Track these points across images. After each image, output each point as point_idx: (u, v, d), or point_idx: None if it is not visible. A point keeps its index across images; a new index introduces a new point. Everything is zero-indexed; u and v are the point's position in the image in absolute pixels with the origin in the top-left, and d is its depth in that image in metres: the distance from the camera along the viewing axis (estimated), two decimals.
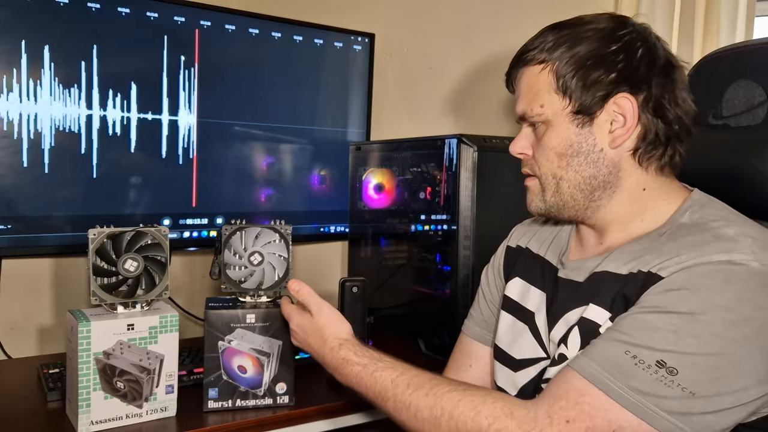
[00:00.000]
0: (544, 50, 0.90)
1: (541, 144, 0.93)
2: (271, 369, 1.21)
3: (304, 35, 1.77)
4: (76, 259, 1.61)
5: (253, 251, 1.23)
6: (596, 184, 0.91)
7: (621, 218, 0.93)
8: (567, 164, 0.91)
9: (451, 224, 1.45)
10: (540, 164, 0.94)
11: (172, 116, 1.59)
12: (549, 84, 0.90)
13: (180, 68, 1.58)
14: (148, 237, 1.16)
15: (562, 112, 0.90)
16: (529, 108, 0.92)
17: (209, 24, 1.61)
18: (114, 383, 1.12)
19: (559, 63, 0.89)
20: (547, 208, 0.95)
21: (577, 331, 0.88)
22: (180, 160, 1.61)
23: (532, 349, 0.98)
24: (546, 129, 0.91)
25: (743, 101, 1.00)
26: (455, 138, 1.43)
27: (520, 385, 0.98)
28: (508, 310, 1.05)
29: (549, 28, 0.93)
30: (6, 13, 1.38)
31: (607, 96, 0.88)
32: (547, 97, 0.90)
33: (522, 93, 0.94)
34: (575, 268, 0.95)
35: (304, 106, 1.80)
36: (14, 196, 1.42)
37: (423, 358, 1.53)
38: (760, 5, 1.50)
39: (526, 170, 0.98)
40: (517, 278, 1.06)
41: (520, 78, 0.95)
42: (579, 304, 0.90)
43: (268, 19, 1.71)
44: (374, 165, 1.73)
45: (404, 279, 1.63)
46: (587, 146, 0.90)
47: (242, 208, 1.72)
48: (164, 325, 1.15)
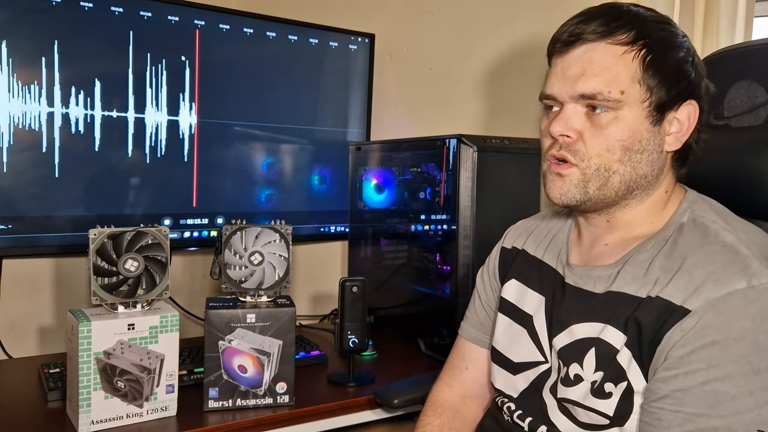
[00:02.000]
0: (627, 33, 0.84)
1: (603, 132, 0.85)
2: (272, 368, 1.21)
3: (304, 35, 1.77)
4: (77, 259, 1.61)
5: (254, 251, 1.24)
6: (643, 184, 0.88)
7: (639, 220, 0.90)
8: (628, 159, 0.86)
9: (451, 224, 1.45)
10: (594, 153, 0.86)
11: (172, 116, 1.59)
12: (634, 71, 0.84)
13: (183, 68, 1.59)
14: (148, 237, 1.16)
15: (641, 105, 0.85)
16: (606, 89, 0.84)
17: (209, 24, 1.61)
18: (114, 383, 1.12)
19: (645, 53, 0.84)
20: (584, 200, 0.88)
21: (593, 352, 0.85)
22: (181, 159, 1.61)
23: (530, 352, 0.96)
24: (614, 117, 0.85)
25: (745, 102, 1.00)
26: (455, 138, 1.43)
27: (521, 389, 0.97)
28: (504, 313, 1.03)
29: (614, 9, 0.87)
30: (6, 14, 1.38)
31: (680, 100, 0.86)
32: (628, 84, 0.84)
33: (592, 70, 0.85)
34: (584, 275, 0.92)
35: (304, 106, 1.80)
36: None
37: (423, 358, 1.53)
38: (760, 5, 1.51)
39: (564, 155, 0.88)
40: (513, 280, 1.04)
41: (587, 53, 0.86)
42: (592, 319, 0.87)
43: (268, 19, 1.71)
44: (374, 165, 1.73)
45: (404, 279, 1.63)
46: (653, 145, 0.86)
47: (242, 208, 1.72)
48: (165, 324, 1.16)
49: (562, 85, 0.87)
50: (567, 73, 0.87)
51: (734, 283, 0.76)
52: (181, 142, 1.61)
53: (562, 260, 0.98)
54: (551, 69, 0.90)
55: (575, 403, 0.86)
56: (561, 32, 0.88)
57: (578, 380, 0.87)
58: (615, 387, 0.83)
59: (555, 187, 0.90)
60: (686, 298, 0.78)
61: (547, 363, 0.94)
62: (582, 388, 0.86)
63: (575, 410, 0.87)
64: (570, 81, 0.86)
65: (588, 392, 0.85)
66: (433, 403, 1.11)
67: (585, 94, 0.85)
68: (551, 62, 0.91)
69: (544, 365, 0.94)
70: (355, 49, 1.86)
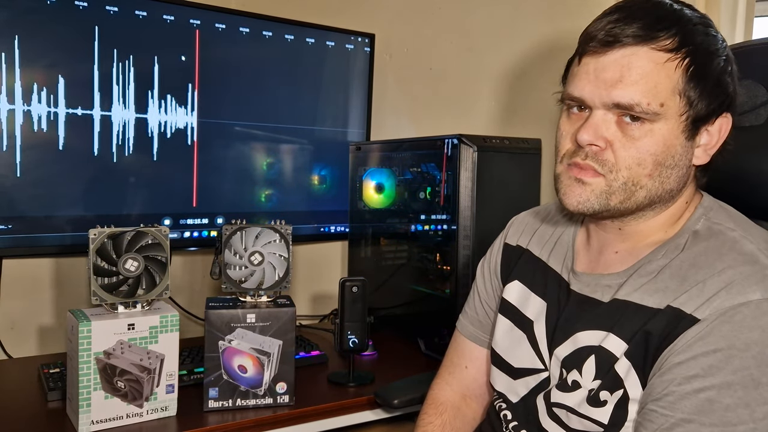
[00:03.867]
0: (671, 38, 0.78)
1: (635, 144, 0.79)
2: (272, 368, 1.21)
3: (304, 35, 1.77)
4: (77, 259, 1.61)
5: (254, 251, 1.24)
6: (666, 198, 0.84)
7: (653, 229, 0.87)
8: (658, 174, 0.81)
9: (451, 224, 1.45)
10: (622, 165, 0.80)
11: (172, 117, 1.59)
12: (675, 82, 0.78)
13: (183, 68, 1.59)
14: (148, 237, 1.16)
15: (678, 118, 0.79)
16: (645, 101, 0.77)
17: (209, 24, 1.61)
18: (114, 383, 1.12)
19: (688, 62, 0.78)
20: (602, 210, 0.83)
21: (593, 359, 0.83)
22: (181, 159, 1.61)
23: (529, 359, 0.94)
24: (649, 129, 0.79)
25: (746, 101, 1.00)
26: (455, 138, 1.43)
27: (522, 394, 0.95)
28: (505, 315, 1.01)
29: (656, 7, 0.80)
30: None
31: (719, 112, 0.82)
32: (669, 96, 0.78)
33: (631, 77, 0.78)
34: (591, 283, 0.89)
35: (304, 106, 1.80)
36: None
37: (423, 358, 1.53)
38: (760, 5, 1.51)
39: (590, 164, 0.82)
40: (516, 281, 1.01)
41: (627, 57, 0.78)
42: (596, 327, 0.84)
43: (268, 19, 1.71)
44: (374, 165, 1.73)
45: (404, 279, 1.63)
46: (685, 160, 0.82)
47: (242, 208, 1.72)
48: (165, 324, 1.15)
49: (594, 88, 0.80)
50: (602, 77, 0.79)
51: (749, 293, 0.73)
52: (180, 142, 1.61)
53: (568, 266, 0.94)
54: (580, 68, 0.82)
55: (569, 409, 0.85)
56: (597, 29, 0.80)
57: (576, 387, 0.85)
58: (611, 395, 0.81)
59: (573, 193, 0.84)
60: (697, 307, 0.75)
61: (547, 371, 0.91)
62: (578, 395, 0.84)
63: (568, 417, 0.85)
64: (605, 86, 0.79)
65: (584, 400, 0.83)
66: (434, 401, 1.10)
67: (621, 103, 0.78)
68: (581, 60, 0.82)
69: (544, 373, 0.91)
70: (355, 49, 1.86)
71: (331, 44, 1.82)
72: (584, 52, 0.82)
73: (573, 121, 0.85)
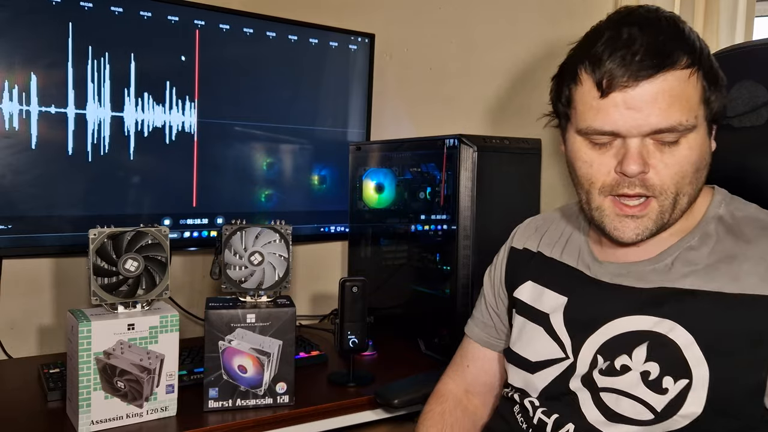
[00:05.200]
0: (686, 54, 0.80)
1: (677, 159, 0.81)
2: (272, 369, 1.21)
3: (303, 35, 1.77)
4: (77, 259, 1.61)
5: (254, 251, 1.24)
6: (696, 196, 0.87)
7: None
8: (697, 179, 0.84)
9: (451, 224, 1.45)
10: (669, 183, 0.82)
11: (174, 116, 1.59)
12: (699, 91, 0.81)
13: (183, 68, 1.59)
14: (148, 237, 1.16)
15: (705, 123, 0.83)
16: (684, 118, 0.79)
17: (209, 24, 1.61)
18: (114, 383, 1.12)
19: (703, 70, 0.81)
20: (658, 230, 0.85)
21: (646, 345, 0.83)
22: (181, 159, 1.61)
23: (549, 350, 0.94)
24: (687, 141, 0.81)
25: (747, 101, 1.00)
26: (455, 138, 1.43)
27: (541, 387, 0.95)
28: (521, 313, 1.02)
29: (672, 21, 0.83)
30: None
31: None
32: (698, 106, 0.81)
33: (666, 101, 0.79)
34: (621, 272, 0.90)
35: (304, 106, 1.80)
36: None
37: (423, 358, 1.53)
38: (760, 5, 1.50)
39: (640, 191, 0.83)
40: (529, 282, 1.03)
41: (662, 83, 0.79)
42: (640, 312, 0.85)
43: (268, 19, 1.71)
44: (374, 165, 1.73)
45: (404, 279, 1.63)
46: (709, 158, 0.86)
47: (242, 208, 1.72)
48: (164, 324, 1.15)
49: (630, 120, 0.80)
50: (636, 108, 0.80)
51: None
52: (180, 142, 1.61)
53: (586, 260, 0.96)
54: (606, 101, 0.81)
55: (621, 393, 0.84)
56: (617, 65, 0.80)
57: (625, 370, 0.85)
58: (674, 383, 0.81)
59: (627, 228, 0.85)
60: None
61: (569, 359, 0.92)
62: (630, 377, 0.84)
63: (618, 401, 0.84)
64: (642, 117, 0.79)
65: (639, 382, 0.83)
66: (437, 392, 1.14)
67: (662, 128, 0.79)
68: (605, 95, 0.81)
69: (566, 361, 0.92)
70: (354, 49, 1.86)
71: (331, 44, 1.82)
72: (610, 88, 0.81)
73: (603, 152, 0.84)
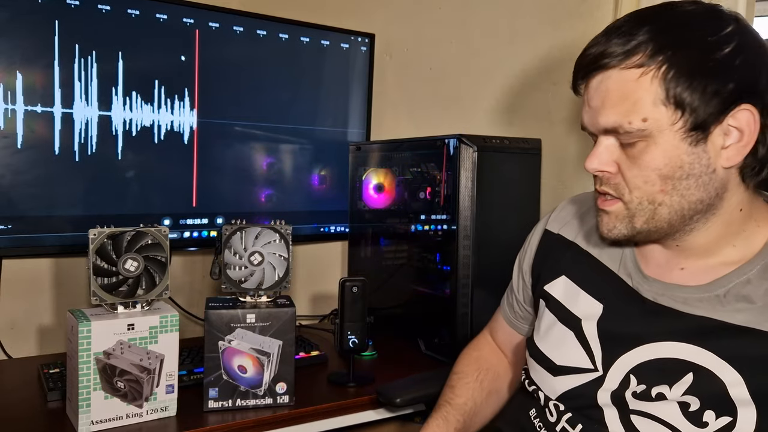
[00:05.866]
0: (642, 52, 0.76)
1: (638, 163, 0.79)
2: (271, 369, 1.21)
3: (303, 35, 1.77)
4: (77, 259, 1.61)
5: (254, 251, 1.24)
6: (701, 209, 0.80)
7: (712, 243, 0.83)
8: (672, 188, 0.78)
9: (451, 224, 1.45)
10: (633, 186, 0.80)
11: (174, 116, 1.59)
12: (654, 94, 0.76)
13: (183, 68, 1.59)
14: (148, 237, 1.16)
15: (672, 128, 0.76)
16: (626, 121, 0.77)
17: (209, 24, 1.61)
18: (114, 383, 1.12)
19: (666, 69, 0.75)
20: (632, 234, 0.83)
21: (690, 377, 0.79)
22: (181, 159, 1.61)
23: (577, 358, 0.90)
24: (646, 146, 0.78)
25: None
26: (455, 138, 1.43)
27: (561, 391, 0.91)
28: (551, 309, 0.97)
29: (637, 19, 0.79)
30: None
31: (725, 109, 0.75)
32: (651, 109, 0.76)
33: (610, 101, 0.78)
34: (666, 293, 0.85)
35: (304, 106, 1.80)
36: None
37: (423, 358, 1.53)
38: (760, 5, 1.50)
39: (605, 190, 0.83)
40: (563, 277, 0.97)
41: (603, 82, 0.79)
42: (682, 340, 0.81)
43: (268, 19, 1.71)
44: (374, 165, 1.73)
45: (404, 279, 1.63)
46: (700, 167, 0.77)
47: (242, 208, 1.72)
48: (164, 324, 1.15)
49: (589, 117, 0.82)
50: (591, 105, 0.81)
51: None
52: (180, 142, 1.61)
53: (628, 268, 0.90)
54: (583, 96, 0.84)
55: (656, 419, 0.81)
56: (583, 56, 0.82)
57: (661, 398, 0.81)
58: (715, 418, 0.77)
59: (603, 223, 0.86)
60: None
61: (597, 371, 0.88)
62: (669, 407, 0.80)
63: (651, 425, 0.81)
64: (594, 114, 0.81)
65: (678, 412, 0.79)
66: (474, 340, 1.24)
67: (607, 128, 0.80)
68: (577, 92, 0.86)
69: (594, 373, 0.88)
70: (355, 49, 1.86)
71: (331, 44, 1.82)
72: (576, 86, 0.84)
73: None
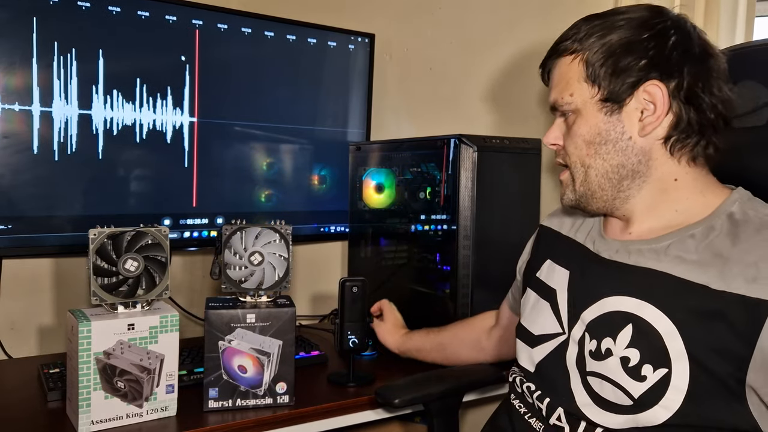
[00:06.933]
0: (576, 40, 0.93)
1: (570, 133, 0.95)
2: (272, 369, 1.21)
3: (304, 35, 1.77)
4: (77, 259, 1.61)
5: (254, 251, 1.24)
6: (624, 173, 0.92)
7: (651, 207, 0.92)
8: (595, 152, 0.92)
9: (451, 224, 1.45)
10: (569, 153, 0.96)
11: (174, 117, 1.59)
12: (579, 73, 0.92)
13: (183, 68, 1.59)
14: (148, 237, 1.16)
15: (591, 100, 0.91)
16: (560, 97, 0.95)
17: (209, 24, 1.61)
18: (114, 383, 1.12)
19: (589, 52, 0.91)
20: (577, 198, 0.97)
21: (630, 328, 0.85)
22: (181, 159, 1.61)
23: (549, 325, 0.98)
24: (576, 118, 0.93)
25: (748, 102, 1.00)
26: (455, 138, 1.43)
27: (537, 360, 0.98)
28: (533, 288, 1.06)
29: (583, 19, 0.95)
30: None
31: (636, 83, 0.88)
32: (576, 85, 0.92)
33: (554, 83, 0.97)
34: (620, 249, 0.93)
35: (304, 106, 1.80)
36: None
37: None
38: (760, 5, 1.50)
39: (559, 161, 1.00)
40: (548, 260, 1.06)
41: (553, 69, 0.97)
42: (627, 293, 0.87)
43: (267, 19, 1.71)
44: (374, 165, 1.73)
45: (404, 279, 1.63)
46: (615, 134, 0.91)
47: (242, 208, 1.72)
48: (164, 324, 1.15)
49: (549, 97, 0.99)
50: (550, 86, 0.99)
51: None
52: (180, 142, 1.61)
53: (593, 236, 1.00)
54: None
55: (604, 378, 0.85)
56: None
57: (608, 354, 0.86)
58: (653, 372, 0.82)
59: (561, 192, 1.01)
60: (764, 292, 0.77)
61: (564, 334, 0.95)
62: (612, 362, 0.85)
63: (602, 385, 0.86)
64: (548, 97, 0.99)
65: (619, 367, 0.84)
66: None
67: (552, 105, 0.97)
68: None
69: (561, 336, 0.95)
70: (355, 49, 1.86)
71: (331, 44, 1.82)
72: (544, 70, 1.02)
73: None
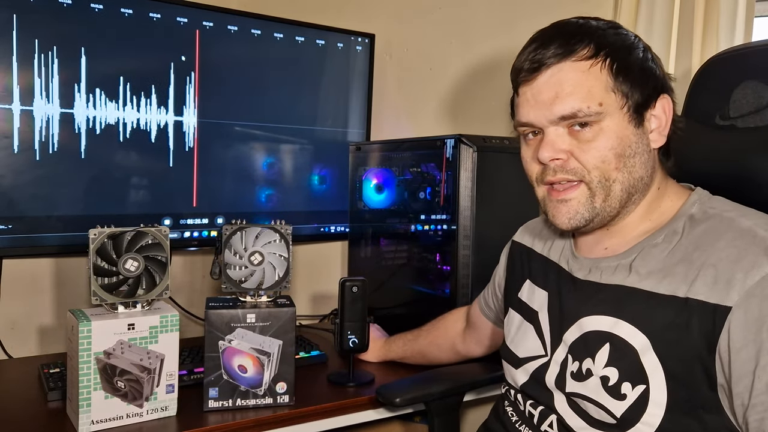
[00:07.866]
0: (587, 47, 0.86)
1: (593, 145, 0.87)
2: (272, 368, 1.21)
3: (304, 35, 1.77)
4: (77, 259, 1.61)
5: (254, 251, 1.24)
6: (640, 187, 0.90)
7: (636, 222, 0.92)
8: (623, 165, 0.87)
9: (451, 224, 1.45)
10: (591, 167, 0.87)
11: (175, 117, 1.59)
12: (605, 82, 0.86)
13: (183, 68, 1.59)
14: (148, 237, 1.16)
15: (620, 111, 0.87)
16: (585, 105, 0.85)
17: (210, 24, 1.61)
18: (114, 383, 1.12)
19: (610, 62, 0.86)
20: (592, 217, 0.90)
21: (607, 348, 0.85)
22: (181, 160, 1.61)
23: (534, 347, 0.98)
24: (599, 129, 0.86)
25: (751, 102, 1.00)
26: (455, 138, 1.43)
27: (521, 382, 0.99)
28: (518, 311, 1.06)
29: (563, 28, 0.90)
30: None
31: (656, 96, 0.89)
32: (604, 94, 0.86)
33: (565, 90, 0.86)
34: (592, 268, 0.93)
35: (304, 106, 1.80)
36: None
37: None
38: (760, 5, 1.50)
39: (564, 177, 0.89)
40: (527, 281, 1.06)
41: (555, 75, 0.87)
42: (601, 312, 0.87)
43: (267, 19, 1.71)
44: (374, 165, 1.73)
45: (404, 279, 1.63)
46: (641, 146, 0.89)
47: (242, 208, 1.72)
48: (165, 324, 1.15)
49: (537, 111, 0.88)
50: (540, 99, 0.88)
51: (763, 266, 0.76)
52: (181, 142, 1.61)
53: (566, 255, 0.99)
54: (520, 97, 0.92)
55: (586, 399, 0.86)
56: (522, 61, 0.90)
57: (589, 375, 0.87)
58: (632, 389, 0.82)
59: (561, 213, 0.91)
60: (721, 296, 0.77)
61: (546, 356, 0.95)
62: (592, 383, 0.86)
63: (586, 405, 0.86)
64: (545, 106, 0.87)
65: (600, 388, 0.85)
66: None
67: (564, 115, 0.87)
68: (518, 91, 0.92)
69: (543, 358, 0.96)
70: (354, 48, 1.86)
71: (330, 44, 1.82)
72: (518, 84, 0.92)
73: (531, 146, 0.93)
